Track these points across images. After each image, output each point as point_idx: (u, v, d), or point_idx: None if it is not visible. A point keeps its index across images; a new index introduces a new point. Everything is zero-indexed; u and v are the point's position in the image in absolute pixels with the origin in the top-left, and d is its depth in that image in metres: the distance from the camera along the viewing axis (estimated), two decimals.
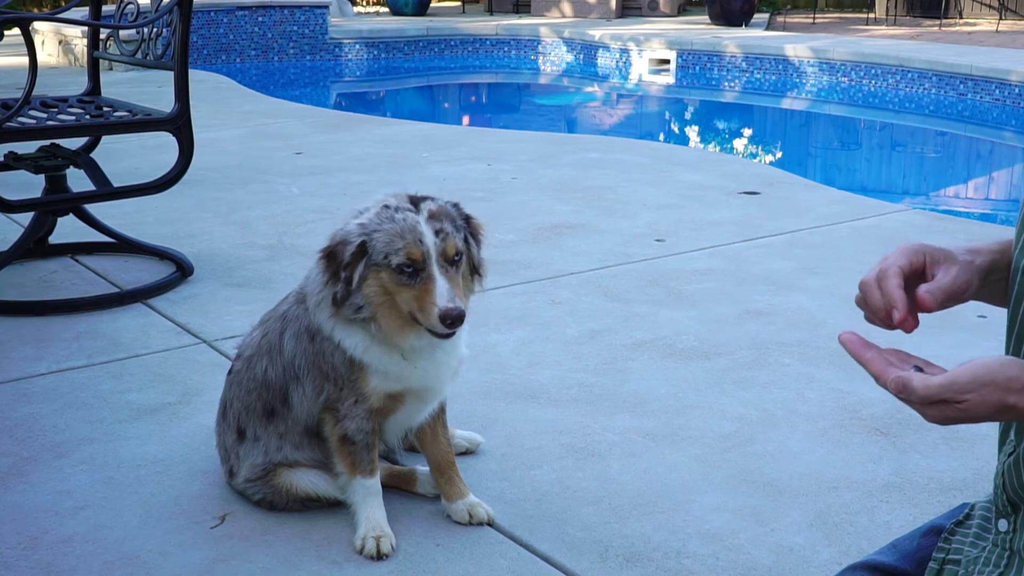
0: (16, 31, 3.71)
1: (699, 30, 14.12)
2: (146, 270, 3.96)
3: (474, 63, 13.88)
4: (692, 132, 10.11)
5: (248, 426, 2.30)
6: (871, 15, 17.85)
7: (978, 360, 1.09)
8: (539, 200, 5.23)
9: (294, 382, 2.21)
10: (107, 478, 2.46)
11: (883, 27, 16.27)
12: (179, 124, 3.80)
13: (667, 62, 12.71)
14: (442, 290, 1.94)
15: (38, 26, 11.44)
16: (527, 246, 4.41)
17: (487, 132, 8.03)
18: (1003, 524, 1.21)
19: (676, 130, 10.34)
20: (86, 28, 4.57)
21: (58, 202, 3.85)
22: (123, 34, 4.23)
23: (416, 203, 2.04)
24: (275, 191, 5.38)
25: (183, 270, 3.91)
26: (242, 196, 5.25)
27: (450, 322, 1.95)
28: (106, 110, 3.96)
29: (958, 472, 2.52)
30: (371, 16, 16.83)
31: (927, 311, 1.20)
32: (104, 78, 4.48)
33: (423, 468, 2.38)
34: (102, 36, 4.50)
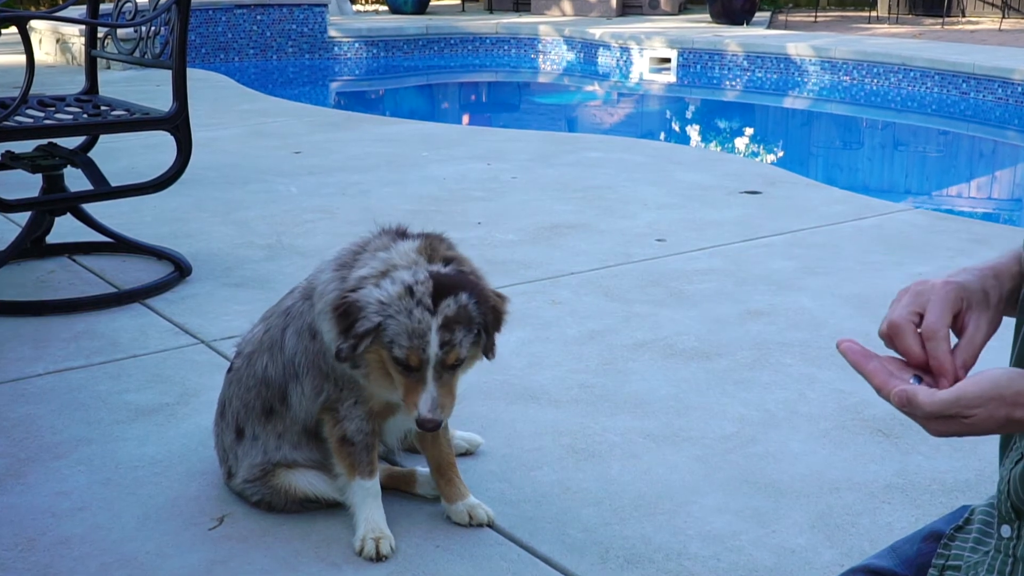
0: (13, 30, 3.70)
1: (700, 28, 14.10)
2: (144, 270, 3.95)
3: (474, 62, 13.86)
4: (693, 131, 10.09)
5: (247, 425, 2.29)
6: (873, 13, 17.85)
7: (985, 373, 1.07)
8: (539, 200, 5.21)
9: (293, 380, 2.20)
10: (105, 479, 2.45)
11: (885, 25, 16.26)
12: (177, 123, 3.78)
13: (668, 61, 12.69)
14: (426, 399, 1.98)
15: (35, 24, 11.43)
16: (527, 246, 4.40)
17: (487, 131, 8.01)
18: (1006, 530, 1.20)
19: (677, 129, 10.33)
20: (84, 27, 4.55)
21: (55, 201, 3.84)
22: (121, 33, 4.22)
23: (440, 294, 1.98)
24: (274, 190, 5.36)
25: (181, 270, 3.90)
26: (240, 195, 5.23)
27: (426, 428, 2.00)
28: (104, 109, 3.94)
29: (960, 473, 2.50)
30: (370, 14, 16.82)
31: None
32: (102, 77, 4.47)
33: (423, 469, 2.37)
34: (100, 35, 4.48)
